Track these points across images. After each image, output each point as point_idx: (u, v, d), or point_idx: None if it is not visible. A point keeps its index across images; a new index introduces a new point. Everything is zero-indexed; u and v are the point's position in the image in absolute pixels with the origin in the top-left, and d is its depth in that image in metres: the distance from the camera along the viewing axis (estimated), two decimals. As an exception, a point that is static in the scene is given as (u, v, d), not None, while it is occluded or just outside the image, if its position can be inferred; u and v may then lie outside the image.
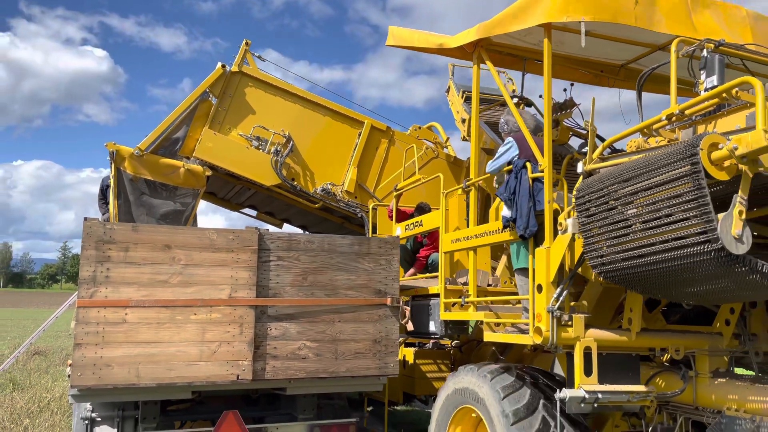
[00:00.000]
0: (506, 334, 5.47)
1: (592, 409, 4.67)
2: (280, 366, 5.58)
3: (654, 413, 5.17)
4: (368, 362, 5.92)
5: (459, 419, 5.85)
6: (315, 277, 5.79)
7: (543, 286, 4.84)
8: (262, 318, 5.54)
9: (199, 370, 5.27)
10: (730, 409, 4.61)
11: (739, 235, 3.55)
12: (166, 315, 5.21)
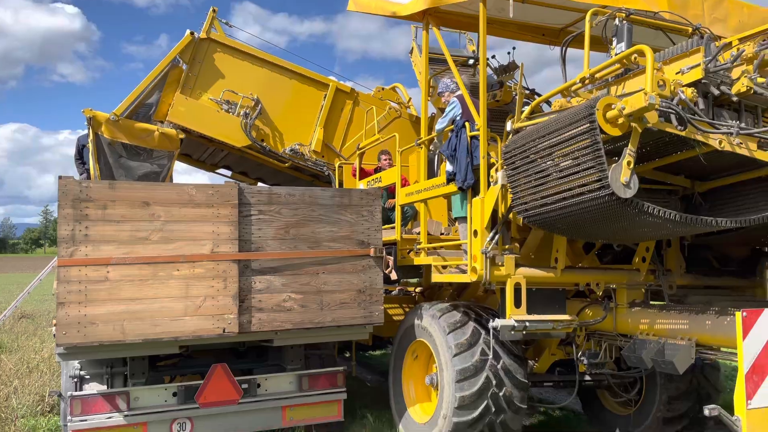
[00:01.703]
0: (449, 275, 6.12)
1: (522, 336, 5.43)
2: (266, 318, 5.61)
3: (583, 341, 5.90)
4: (353, 312, 5.97)
5: (414, 350, 6.53)
6: (297, 229, 5.77)
7: (478, 231, 5.46)
8: (246, 272, 5.53)
9: (185, 325, 5.28)
10: (642, 333, 5.27)
11: (627, 181, 4.12)
12: (149, 272, 5.17)
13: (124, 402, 5.72)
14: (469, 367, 5.53)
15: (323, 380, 6.49)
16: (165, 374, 6.32)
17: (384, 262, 6.18)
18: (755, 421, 3.23)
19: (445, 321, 5.82)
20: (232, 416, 6.09)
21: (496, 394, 5.55)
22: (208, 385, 5.86)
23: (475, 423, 5.54)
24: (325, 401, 6.48)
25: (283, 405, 6.31)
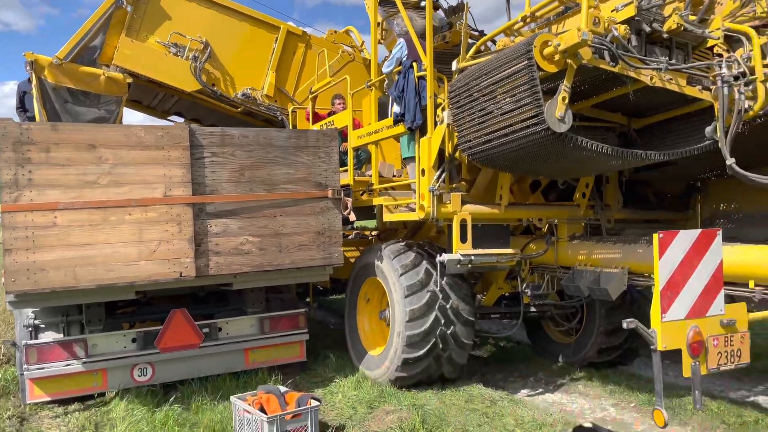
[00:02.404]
0: (399, 214, 6.25)
1: (468, 269, 5.67)
2: (224, 262, 5.57)
3: (527, 275, 6.23)
4: (313, 253, 5.98)
5: (367, 288, 6.75)
6: (253, 172, 5.68)
7: (426, 170, 5.60)
8: (201, 215, 5.45)
9: (140, 270, 5.21)
10: (580, 264, 5.60)
11: (562, 116, 4.24)
12: (99, 216, 5.05)
13: (82, 349, 5.69)
14: (419, 307, 5.75)
15: (285, 322, 6.54)
16: (123, 321, 6.28)
17: (342, 204, 6.15)
18: (668, 332, 3.52)
19: (399, 262, 5.97)
20: (193, 360, 6.13)
21: (444, 332, 5.83)
22: (167, 330, 5.87)
23: (423, 358, 5.82)
24: (288, 343, 6.58)
25: (245, 348, 6.39)
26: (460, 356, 6.00)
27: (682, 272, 3.43)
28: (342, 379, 6.38)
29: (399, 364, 5.82)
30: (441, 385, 6.10)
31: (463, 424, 5.05)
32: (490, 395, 5.86)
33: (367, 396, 5.79)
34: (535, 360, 7.39)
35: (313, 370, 6.85)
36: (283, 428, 4.67)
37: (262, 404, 4.86)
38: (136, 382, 5.90)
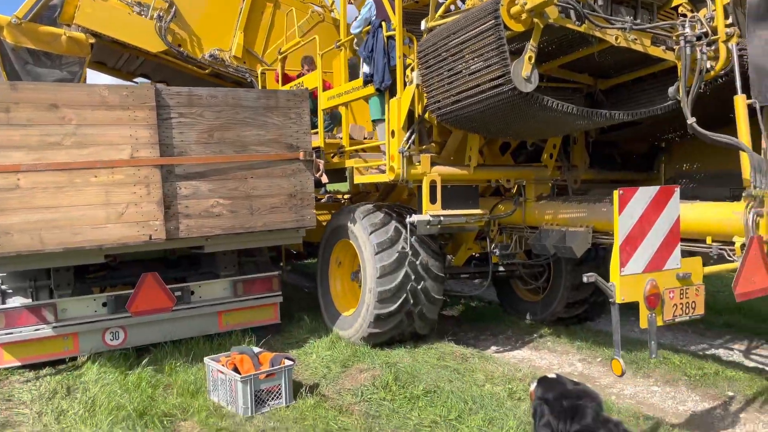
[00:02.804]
0: (370, 175, 6.28)
1: (437, 230, 5.76)
2: (195, 224, 5.55)
3: (496, 235, 6.35)
4: (285, 216, 5.98)
5: (340, 249, 6.80)
6: (222, 133, 5.62)
7: (395, 132, 5.60)
8: (170, 177, 5.39)
9: (109, 233, 5.16)
10: (546, 223, 5.74)
11: (528, 76, 4.28)
12: (64, 178, 4.97)
13: (52, 314, 5.65)
14: (389, 264, 5.83)
15: (258, 285, 6.56)
16: (94, 285, 6.24)
17: (314, 166, 6.13)
18: (626, 286, 3.62)
19: (368, 221, 6.03)
20: (166, 323, 6.14)
21: (415, 287, 5.93)
22: (139, 293, 5.84)
23: (395, 314, 5.92)
24: (262, 305, 6.62)
25: (218, 311, 6.41)
26: (431, 312, 6.11)
27: (640, 228, 3.52)
28: (316, 340, 6.46)
29: (371, 321, 5.90)
30: (413, 343, 6.22)
31: (434, 380, 5.17)
32: (461, 352, 6.00)
33: (341, 355, 5.88)
34: (505, 318, 7.56)
35: (288, 332, 6.92)
36: (257, 387, 4.74)
37: (235, 365, 4.91)
38: (108, 346, 5.90)
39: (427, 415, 4.47)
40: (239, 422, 4.50)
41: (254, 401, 4.69)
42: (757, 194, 4.05)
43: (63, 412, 4.76)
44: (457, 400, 4.67)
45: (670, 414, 4.74)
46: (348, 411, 4.67)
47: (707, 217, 4.45)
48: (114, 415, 4.53)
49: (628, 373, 5.67)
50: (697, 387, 5.22)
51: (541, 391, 2.76)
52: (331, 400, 4.92)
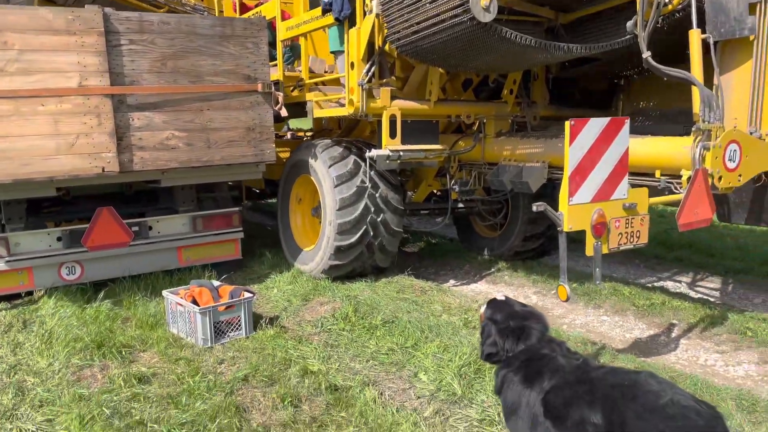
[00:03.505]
0: (329, 109, 6.21)
1: (397, 165, 5.79)
2: (149, 157, 5.42)
3: (456, 172, 6.38)
4: (243, 150, 5.89)
5: (300, 185, 6.79)
6: (175, 62, 5.43)
7: (355, 64, 5.51)
8: (122, 108, 5.22)
9: (60, 164, 5.02)
10: (504, 159, 5.80)
11: (487, 6, 4.24)
12: (9, 107, 4.76)
13: (4, 248, 5.55)
14: (349, 196, 5.85)
15: (218, 221, 6.52)
16: (48, 220, 6.10)
17: (273, 99, 6.01)
18: (574, 215, 3.72)
19: (327, 155, 6.00)
20: (125, 258, 6.08)
21: (375, 220, 5.97)
22: (94, 228, 5.73)
23: (355, 245, 5.97)
24: (222, 241, 6.58)
25: (178, 246, 6.36)
26: (391, 244, 6.18)
27: (590, 158, 3.58)
28: (277, 275, 6.50)
29: (332, 253, 5.95)
30: (374, 277, 6.31)
31: (393, 311, 5.28)
32: (420, 285, 6.13)
33: (302, 290, 5.94)
34: (465, 254, 7.71)
35: (249, 268, 6.94)
36: (216, 319, 4.77)
37: (194, 297, 4.92)
38: (64, 281, 5.84)
39: (385, 343, 4.59)
40: (198, 352, 4.55)
41: (214, 332, 4.73)
42: (705, 128, 4.13)
43: (19, 345, 4.74)
44: (414, 329, 4.79)
45: (617, 341, 4.97)
46: (307, 341, 4.76)
47: (657, 151, 4.54)
48: (71, 347, 4.53)
49: (579, 303, 5.91)
50: (644, 316, 5.46)
51: (490, 312, 2.85)
52: (291, 331, 5.00)
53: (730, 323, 5.02)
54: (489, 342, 2.75)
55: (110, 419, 3.43)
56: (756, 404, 3.49)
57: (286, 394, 3.72)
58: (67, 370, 4.22)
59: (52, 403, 3.70)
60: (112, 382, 3.99)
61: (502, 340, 2.70)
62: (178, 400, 3.67)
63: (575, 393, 2.35)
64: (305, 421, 3.44)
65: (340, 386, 3.87)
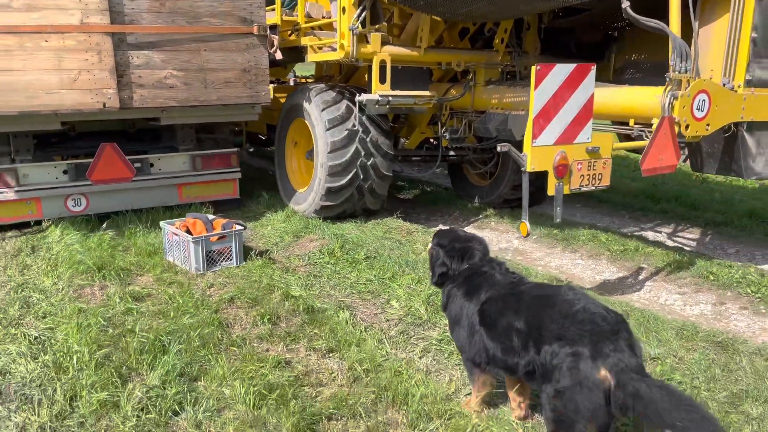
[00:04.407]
0: (323, 54, 6.35)
1: (387, 110, 5.97)
2: (149, 95, 5.67)
3: (447, 120, 6.54)
4: (239, 91, 6.11)
5: (295, 129, 6.98)
6: (174, 2, 5.61)
7: (346, 8, 5.63)
8: (122, 46, 5.44)
9: (63, 99, 5.28)
10: (492, 107, 5.95)
11: None
12: (14, 41, 5.01)
13: (13, 178, 5.86)
14: (340, 139, 6.06)
15: (217, 161, 6.80)
16: (55, 154, 6.41)
17: (269, 41, 6.18)
18: (537, 156, 3.94)
19: (321, 99, 6.19)
20: (127, 193, 6.41)
21: (365, 163, 6.20)
22: (98, 163, 6.03)
23: (345, 187, 6.23)
24: (221, 180, 6.88)
25: (177, 183, 6.67)
26: (380, 188, 6.43)
27: (554, 103, 3.76)
28: (273, 215, 6.80)
29: (323, 194, 6.23)
30: (364, 218, 6.59)
31: (377, 248, 5.58)
32: (407, 227, 6.40)
33: (294, 228, 6.24)
34: (457, 202, 7.95)
35: (248, 207, 7.24)
36: (208, 248, 5.10)
37: (188, 227, 5.25)
38: (70, 212, 6.18)
39: (364, 275, 4.90)
40: (191, 278, 4.90)
41: (206, 261, 5.07)
42: (675, 78, 4.29)
43: (27, 267, 5.11)
44: (393, 264, 5.09)
45: (586, 281, 5.25)
46: (293, 271, 5.08)
47: (632, 99, 4.71)
48: (74, 269, 4.88)
49: (557, 248, 6.17)
50: (616, 260, 5.72)
51: (437, 240, 3.12)
52: (279, 263, 5.33)
53: (695, 268, 5.27)
54: (438, 263, 3.03)
55: (105, 328, 3.80)
56: (696, 335, 3.77)
57: (265, 313, 4.06)
58: (69, 288, 4.58)
59: (54, 315, 4.07)
60: (110, 299, 4.36)
61: (449, 260, 2.98)
62: (167, 314, 4.03)
63: (505, 304, 2.64)
64: (280, 335, 3.78)
65: (317, 308, 4.19)
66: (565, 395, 2.32)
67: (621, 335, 2.32)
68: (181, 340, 3.59)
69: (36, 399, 3.02)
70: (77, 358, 3.33)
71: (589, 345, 2.29)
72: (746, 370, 3.29)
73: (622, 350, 2.27)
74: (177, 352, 3.41)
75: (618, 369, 2.20)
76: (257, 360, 3.38)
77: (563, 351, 2.34)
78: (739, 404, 2.97)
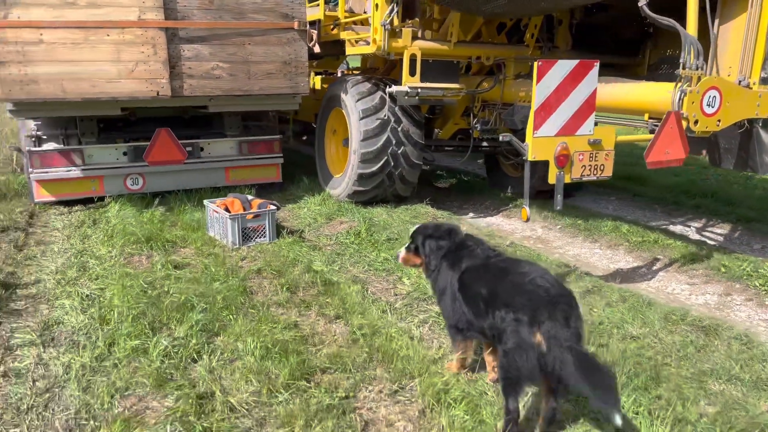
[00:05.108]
0: (359, 47, 6.69)
1: (416, 101, 6.27)
2: (197, 84, 6.20)
3: (479, 111, 6.75)
4: (280, 82, 6.56)
5: (334, 118, 7.39)
6: (222, 0, 6.10)
7: (379, 5, 5.96)
8: (174, 40, 5.99)
9: (121, 87, 5.88)
10: (519, 100, 6.10)
11: None
12: (80, 36, 5.62)
13: (79, 158, 6.55)
14: (372, 128, 6.42)
15: (262, 146, 7.31)
16: (117, 137, 7.07)
17: (308, 36, 6.60)
18: (538, 146, 4.16)
19: (356, 90, 6.57)
20: (180, 174, 7.01)
21: (396, 151, 6.53)
22: (154, 146, 6.64)
23: (376, 174, 6.59)
24: (265, 165, 7.40)
25: (225, 166, 7.23)
26: (410, 175, 6.75)
27: (556, 97, 3.98)
28: (310, 198, 7.25)
29: (355, 179, 6.62)
30: (394, 204, 6.94)
31: (399, 231, 5.92)
32: (434, 213, 6.72)
33: (328, 210, 6.68)
34: (491, 192, 8.18)
35: (288, 190, 7.73)
36: (243, 225, 5.59)
37: (227, 206, 5.76)
38: (129, 190, 6.84)
39: (383, 255, 5.26)
40: (227, 251, 5.40)
41: (241, 236, 5.56)
42: (685, 74, 4.41)
43: (87, 237, 5.75)
44: (412, 245, 5.43)
45: (599, 269, 5.42)
46: (319, 249, 5.51)
47: (647, 94, 4.84)
48: (126, 239, 5.48)
49: (579, 237, 6.34)
50: (633, 251, 5.85)
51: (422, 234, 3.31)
52: (309, 241, 5.77)
53: (710, 261, 5.34)
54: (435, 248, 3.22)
55: (145, 289, 4.33)
56: (684, 319, 3.94)
57: (286, 282, 4.49)
58: (121, 256, 5.17)
59: (104, 278, 4.65)
60: (153, 266, 4.91)
61: (443, 242, 3.23)
62: (200, 280, 4.53)
63: (477, 274, 2.95)
64: (296, 302, 4.21)
65: (333, 282, 4.60)
66: (509, 355, 2.62)
67: (559, 307, 2.59)
68: (207, 301, 4.07)
69: (81, 344, 3.57)
70: (118, 312, 3.86)
71: (528, 313, 2.59)
72: (720, 352, 3.46)
73: (556, 319, 2.54)
74: (202, 311, 3.89)
75: (549, 335, 2.49)
76: (271, 321, 3.82)
77: (509, 317, 2.65)
78: (703, 380, 3.17)
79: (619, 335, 3.70)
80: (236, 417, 2.86)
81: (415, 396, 3.04)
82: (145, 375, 3.18)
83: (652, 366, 3.22)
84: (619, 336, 3.69)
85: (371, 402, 3.00)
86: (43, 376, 3.26)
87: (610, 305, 4.22)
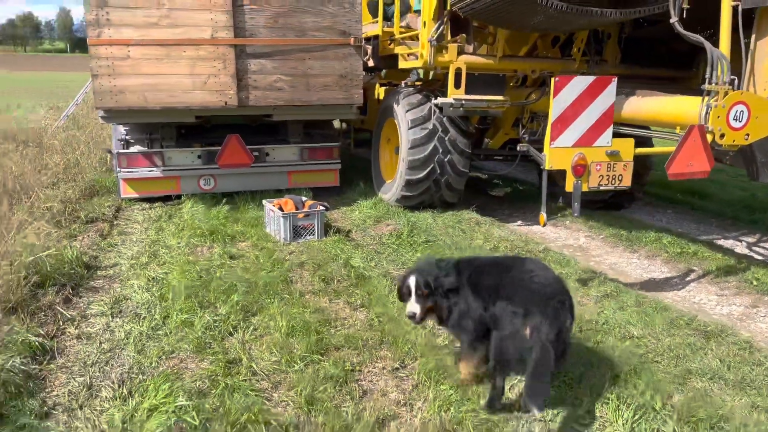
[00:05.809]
0: (410, 61, 7.08)
1: (462, 112, 6.55)
2: (261, 95, 6.85)
3: (527, 122, 6.94)
4: (336, 93, 7.11)
5: (388, 127, 7.81)
6: (285, 19, 6.73)
7: (426, 22, 6.32)
8: (242, 55, 6.66)
9: (195, 97, 6.61)
10: None
11: None
12: (162, 52, 6.40)
13: (160, 160, 7.36)
14: (420, 137, 6.80)
15: (321, 153, 7.89)
16: (193, 141, 7.87)
17: (363, 51, 7.11)
18: (554, 156, 4.39)
19: (407, 101, 6.99)
20: (247, 177, 7.70)
21: (442, 159, 6.89)
22: (225, 150, 7.36)
23: (423, 180, 6.98)
24: (324, 170, 7.98)
25: (288, 171, 7.87)
26: (457, 183, 7.09)
27: (573, 110, 4.21)
28: (363, 201, 7.75)
29: (403, 185, 7.04)
30: (441, 210, 7.30)
31: (438, 235, 6.29)
32: (478, 219, 7.02)
33: (378, 213, 7.14)
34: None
35: (344, 194, 8.27)
36: (294, 223, 6.15)
37: (281, 205, 6.35)
38: (202, 189, 7.60)
39: (418, 255, 5.65)
40: (278, 246, 5.97)
41: (292, 233, 6.12)
42: (710, 89, 4.53)
43: (161, 229, 6.50)
44: (446, 247, 5.78)
45: (631, 278, 5.53)
46: (361, 247, 5.97)
47: (679, 108, 4.95)
48: (193, 232, 6.17)
49: (618, 247, 6.44)
50: (670, 262, 5.91)
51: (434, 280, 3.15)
52: (353, 241, 6.24)
53: (744, 274, 5.34)
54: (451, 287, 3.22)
55: (200, 274, 4.94)
56: (689, 324, 4.06)
57: (323, 275, 4.98)
58: (187, 247, 5.85)
59: (170, 264, 5.31)
60: (212, 256, 5.54)
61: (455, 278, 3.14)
62: (249, 269, 5.10)
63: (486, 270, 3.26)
64: (328, 291, 4.68)
65: (366, 276, 5.03)
66: (503, 341, 2.95)
67: (551, 304, 2.89)
68: (250, 286, 4.61)
69: (142, 316, 4.19)
70: (174, 292, 4.48)
71: (523, 307, 2.90)
72: (715, 354, 3.59)
73: (546, 315, 2.84)
74: (244, 294, 4.44)
75: (534, 328, 2.80)
76: (302, 306, 4.30)
77: (508, 308, 2.97)
78: (687, 378, 3.33)
79: (619, 335, 3.90)
80: (256, 380, 3.35)
81: (413, 374, 3.41)
82: (188, 342, 3.74)
83: (640, 362, 3.42)
84: (618, 335, 3.89)
85: (373, 376, 3.41)
86: (108, 340, 3.89)
87: (622, 308, 4.40)
